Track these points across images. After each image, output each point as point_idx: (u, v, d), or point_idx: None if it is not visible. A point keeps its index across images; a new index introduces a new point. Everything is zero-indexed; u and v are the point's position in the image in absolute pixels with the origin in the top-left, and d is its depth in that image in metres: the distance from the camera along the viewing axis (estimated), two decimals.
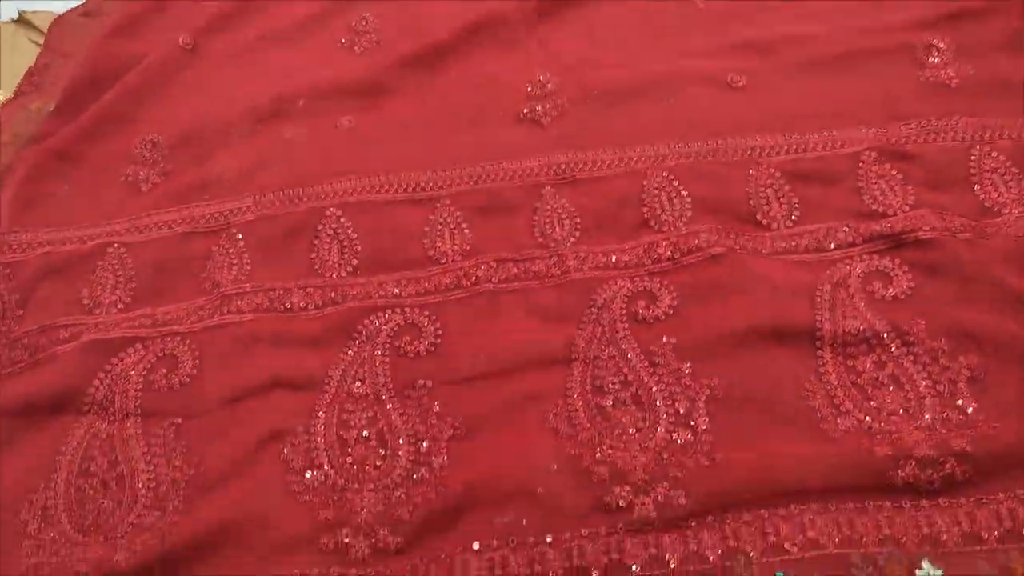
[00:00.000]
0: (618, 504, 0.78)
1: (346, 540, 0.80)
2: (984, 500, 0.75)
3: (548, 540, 0.77)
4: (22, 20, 1.42)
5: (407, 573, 0.76)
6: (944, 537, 0.74)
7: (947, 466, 0.76)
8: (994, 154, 1.00)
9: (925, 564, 0.72)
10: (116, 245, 1.04)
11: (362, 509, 0.81)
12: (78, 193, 1.13)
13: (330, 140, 1.15)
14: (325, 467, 0.85)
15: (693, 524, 0.77)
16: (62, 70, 1.31)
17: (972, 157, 1.00)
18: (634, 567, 0.75)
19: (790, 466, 0.78)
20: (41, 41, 1.37)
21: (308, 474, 0.84)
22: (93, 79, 1.24)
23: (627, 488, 0.79)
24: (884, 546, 0.74)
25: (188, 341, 0.95)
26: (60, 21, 1.40)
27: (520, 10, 1.26)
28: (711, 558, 0.75)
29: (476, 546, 0.77)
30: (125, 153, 1.18)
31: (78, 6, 1.44)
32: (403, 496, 0.82)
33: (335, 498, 0.83)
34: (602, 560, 0.76)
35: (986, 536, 0.74)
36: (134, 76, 1.25)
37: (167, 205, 1.10)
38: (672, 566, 0.75)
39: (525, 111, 1.14)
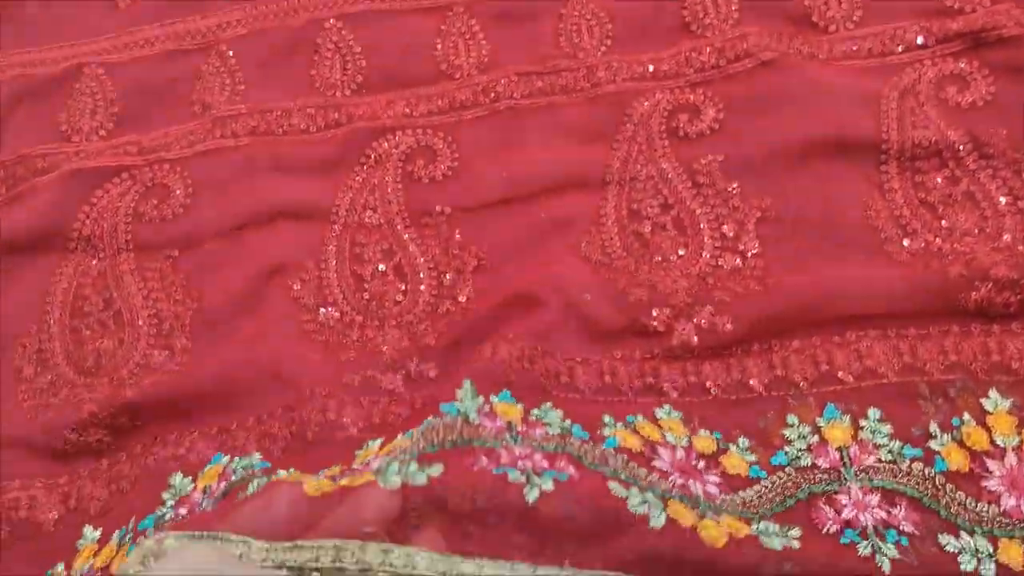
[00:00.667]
0: (655, 328, 0.71)
1: (373, 374, 0.74)
2: None
3: (578, 360, 0.71)
4: None
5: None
6: (1016, 365, 0.67)
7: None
8: None
9: (993, 393, 0.65)
10: (94, 65, 0.94)
11: (385, 347, 0.75)
12: (50, 11, 1.01)
13: None
14: (340, 303, 0.78)
15: (738, 352, 0.70)
16: None
17: None
18: (672, 392, 0.69)
19: (848, 290, 0.70)
20: None
21: (322, 311, 0.78)
22: None
23: (667, 311, 0.72)
24: (951, 374, 0.67)
25: (179, 168, 0.86)
26: None
27: None
28: (756, 387, 0.69)
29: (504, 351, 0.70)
30: None
31: None
32: (428, 329, 0.76)
33: (354, 336, 0.76)
34: (636, 384, 0.69)
35: None
36: None
37: (149, 21, 0.98)
38: (713, 394, 0.69)
39: None
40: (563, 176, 0.81)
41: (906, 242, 0.74)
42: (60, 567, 0.67)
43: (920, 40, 0.83)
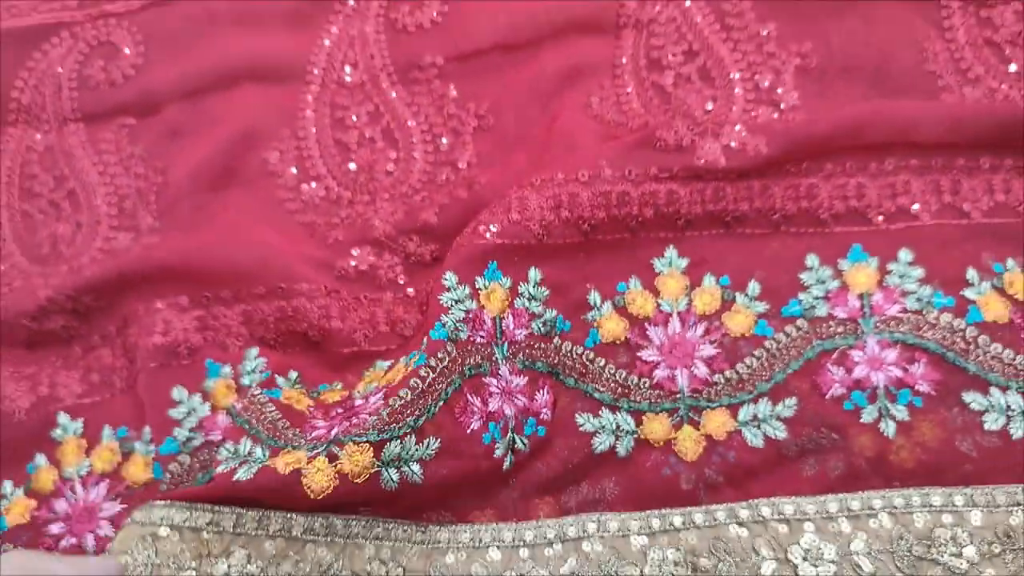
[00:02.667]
0: (680, 143, 0.64)
1: (370, 259, 0.68)
2: None
3: (583, 176, 0.64)
4: None
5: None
6: None
7: None
8: None
9: None
10: None
11: (379, 222, 0.69)
12: None
13: None
14: (325, 178, 0.71)
15: (766, 177, 0.64)
16: None
17: None
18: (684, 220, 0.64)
19: (896, 117, 0.64)
20: None
21: (304, 187, 0.70)
22: None
23: (692, 124, 0.65)
24: (994, 217, 0.63)
25: (127, 24, 0.77)
26: None
27: None
28: (777, 218, 0.63)
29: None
30: None
31: None
32: (426, 201, 0.69)
33: (343, 214, 0.70)
34: (647, 212, 0.63)
35: None
36: None
37: None
38: (728, 225, 0.64)
39: None
40: (570, 18, 0.73)
41: (967, 90, 0.67)
42: (42, 460, 0.64)
43: None
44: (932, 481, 0.56)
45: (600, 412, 0.59)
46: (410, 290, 0.67)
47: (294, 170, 0.72)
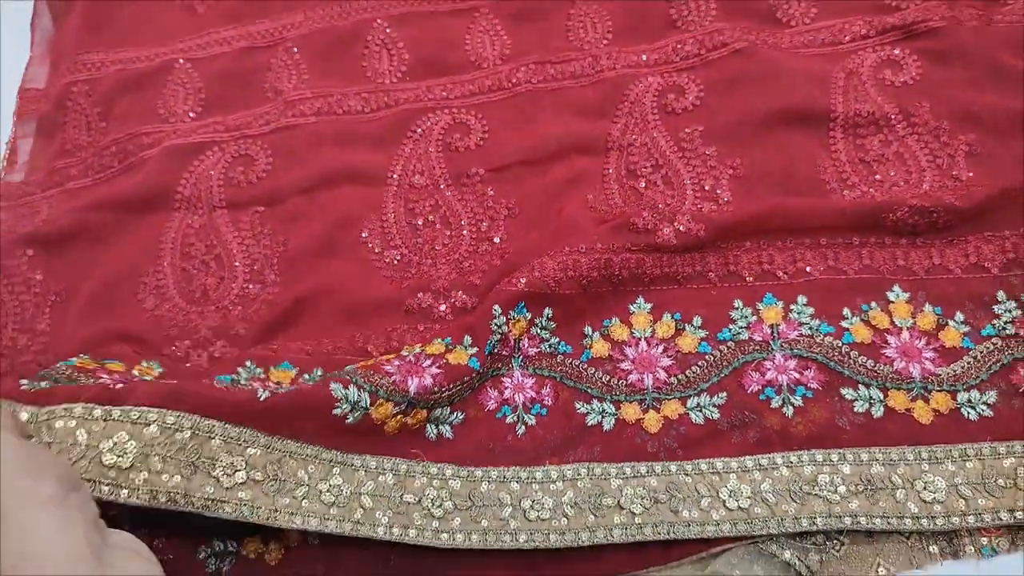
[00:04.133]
0: (647, 227, 0.91)
1: (428, 302, 0.95)
2: (955, 241, 0.92)
3: (583, 249, 0.91)
4: None
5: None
6: (916, 268, 0.90)
7: (934, 215, 0.90)
8: None
9: (896, 288, 0.89)
10: (182, 61, 1.16)
11: (438, 278, 0.97)
12: (138, 18, 1.23)
13: None
14: (401, 248, 0.99)
15: (706, 252, 0.92)
16: None
17: None
18: (647, 280, 0.91)
19: (795, 210, 0.93)
20: None
21: (386, 254, 0.99)
22: None
23: (654, 215, 0.93)
24: (864, 274, 0.91)
25: (260, 142, 1.08)
26: None
27: None
28: (714, 279, 0.91)
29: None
30: None
31: None
32: (472, 265, 0.97)
33: (413, 271, 0.98)
34: (624, 273, 0.90)
35: (952, 268, 0.90)
36: None
37: (223, 24, 1.21)
38: (679, 283, 0.91)
39: None
40: (572, 144, 1.03)
41: (846, 192, 0.96)
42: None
43: (864, 31, 1.06)
44: (819, 445, 0.82)
45: (591, 401, 0.85)
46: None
47: (379, 243, 1.00)
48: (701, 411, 0.84)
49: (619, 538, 0.78)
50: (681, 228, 0.91)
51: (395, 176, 1.04)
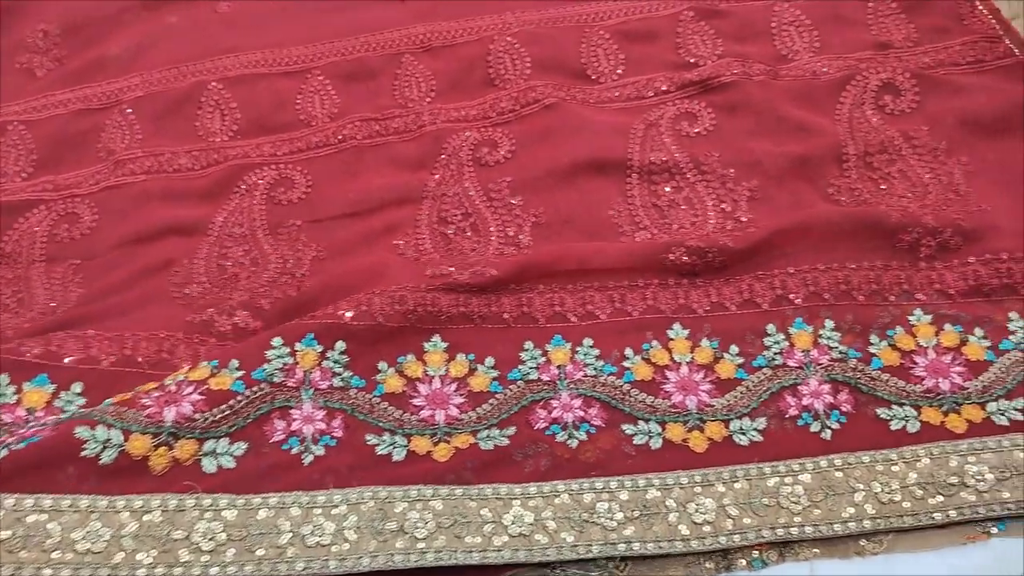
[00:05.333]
0: (441, 273, 0.98)
1: (210, 315, 0.99)
2: (731, 280, 0.99)
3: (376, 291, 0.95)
4: None
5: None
6: (696, 307, 0.97)
7: (709, 256, 0.98)
8: (793, 10, 1.24)
9: (676, 326, 0.96)
10: (16, 123, 1.21)
11: (229, 299, 1.01)
12: None
13: (209, 23, 1.34)
14: (204, 283, 1.03)
15: (500, 292, 0.97)
16: None
17: (774, 12, 1.25)
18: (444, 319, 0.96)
19: (586, 253, 1.00)
20: None
21: (187, 288, 1.03)
22: None
23: (452, 268, 0.99)
24: (648, 314, 0.97)
25: (88, 201, 1.12)
26: None
27: None
28: (508, 320, 0.96)
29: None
30: (19, 43, 1.34)
31: None
32: (266, 292, 1.02)
33: (209, 298, 1.02)
34: (419, 311, 0.94)
35: (729, 305, 0.97)
36: None
37: (62, 87, 1.26)
38: (475, 323, 0.96)
39: None
40: (392, 196, 1.10)
41: (637, 236, 1.04)
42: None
43: (665, 87, 1.15)
44: (602, 473, 0.86)
45: (383, 434, 0.88)
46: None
47: (182, 280, 1.03)
48: (491, 440, 0.89)
49: (400, 563, 0.81)
50: (474, 270, 0.97)
51: (216, 227, 1.09)
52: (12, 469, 0.80)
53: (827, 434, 0.88)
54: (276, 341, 0.90)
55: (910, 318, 0.95)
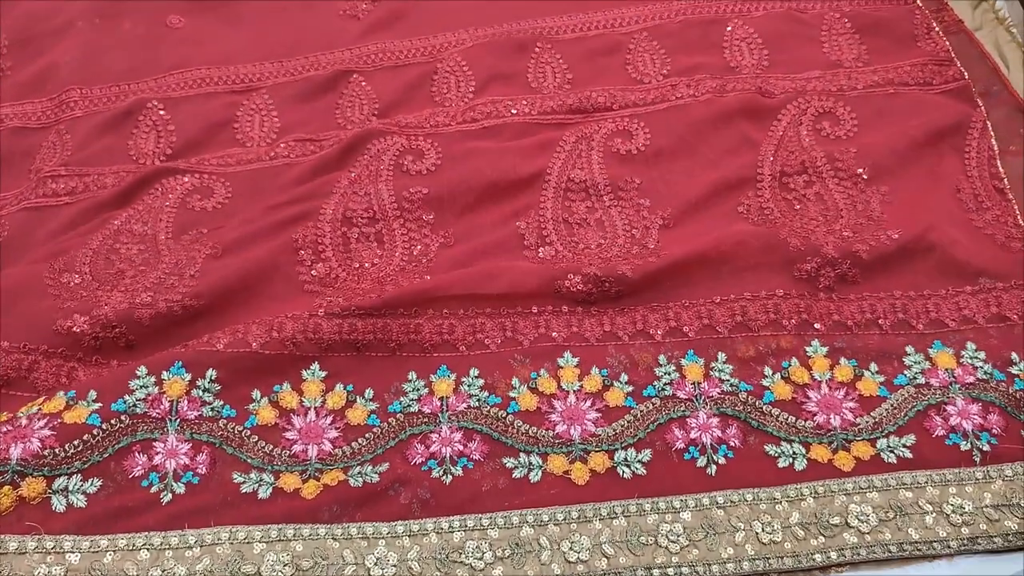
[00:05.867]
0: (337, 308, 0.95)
1: (82, 329, 0.95)
2: (625, 310, 0.96)
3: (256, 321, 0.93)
4: None
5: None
6: (587, 334, 0.94)
7: (606, 285, 0.95)
8: (746, 27, 1.24)
9: (567, 354, 0.93)
10: None
11: (105, 304, 0.97)
12: None
13: (159, 37, 1.34)
14: (86, 273, 1.02)
15: (387, 318, 0.95)
16: None
17: (727, 29, 1.25)
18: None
19: (485, 276, 0.98)
20: None
21: (63, 278, 1.01)
22: None
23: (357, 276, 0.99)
24: (541, 342, 0.94)
25: (3, 222, 1.10)
26: None
27: None
28: (393, 346, 0.94)
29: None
30: None
31: None
32: (151, 296, 0.98)
33: (84, 295, 0.99)
34: (299, 338, 0.92)
35: (621, 335, 0.94)
36: None
37: (3, 99, 1.27)
38: (358, 348, 0.93)
39: (345, 8, 1.34)
40: (302, 193, 1.08)
41: (541, 251, 1.01)
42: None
43: (605, 102, 1.16)
44: (473, 510, 0.83)
45: (250, 472, 0.85)
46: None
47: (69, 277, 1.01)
48: (361, 477, 0.85)
49: None
50: (361, 294, 0.96)
51: (116, 224, 1.07)
52: None
53: (712, 469, 0.84)
54: (141, 370, 0.88)
55: (807, 349, 0.92)
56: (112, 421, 0.85)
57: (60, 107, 1.24)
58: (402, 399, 0.91)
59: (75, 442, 0.83)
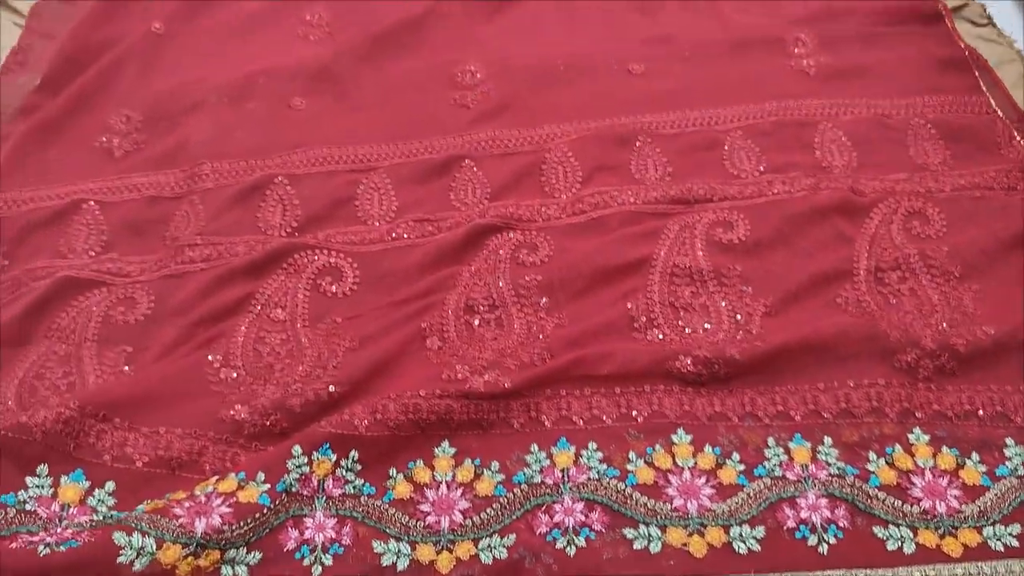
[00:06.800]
0: (457, 377, 1.05)
1: (243, 415, 1.04)
2: (734, 391, 1.05)
3: (392, 395, 1.03)
4: (3, 3, 1.70)
5: None
6: (699, 413, 1.03)
7: (715, 367, 1.04)
8: (835, 130, 1.35)
9: (680, 431, 1.01)
10: (91, 203, 1.32)
11: (262, 396, 1.06)
12: (59, 157, 1.41)
13: (283, 118, 1.46)
14: (239, 368, 1.11)
15: (509, 398, 1.04)
16: (44, 50, 1.59)
17: (818, 131, 1.35)
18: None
19: (598, 357, 1.07)
20: (22, 22, 1.66)
21: (223, 372, 1.10)
22: (75, 58, 1.55)
23: (466, 368, 1.07)
24: (654, 419, 1.03)
25: (146, 287, 1.20)
26: (39, 6, 1.68)
27: (460, 6, 1.63)
28: (515, 425, 1.03)
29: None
30: (102, 124, 1.46)
31: None
32: (298, 389, 1.07)
33: (243, 389, 1.08)
34: (432, 418, 1.02)
35: (731, 416, 1.03)
36: (112, 56, 1.55)
37: (138, 170, 1.38)
38: (483, 427, 1.03)
39: (456, 97, 1.47)
40: (428, 285, 1.18)
41: (649, 333, 1.11)
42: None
43: (708, 195, 1.26)
44: None
45: (388, 541, 0.94)
46: None
47: (220, 360, 1.11)
48: (491, 552, 0.94)
49: None
50: (487, 378, 1.05)
51: (257, 307, 1.17)
52: (49, 572, 0.85)
53: (824, 548, 0.92)
54: (296, 450, 0.98)
55: (909, 436, 1.00)
56: (276, 501, 0.94)
57: (192, 179, 1.35)
58: (525, 470, 1.00)
59: (248, 520, 0.92)
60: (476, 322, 1.14)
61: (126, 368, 1.12)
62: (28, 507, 0.96)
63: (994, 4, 1.58)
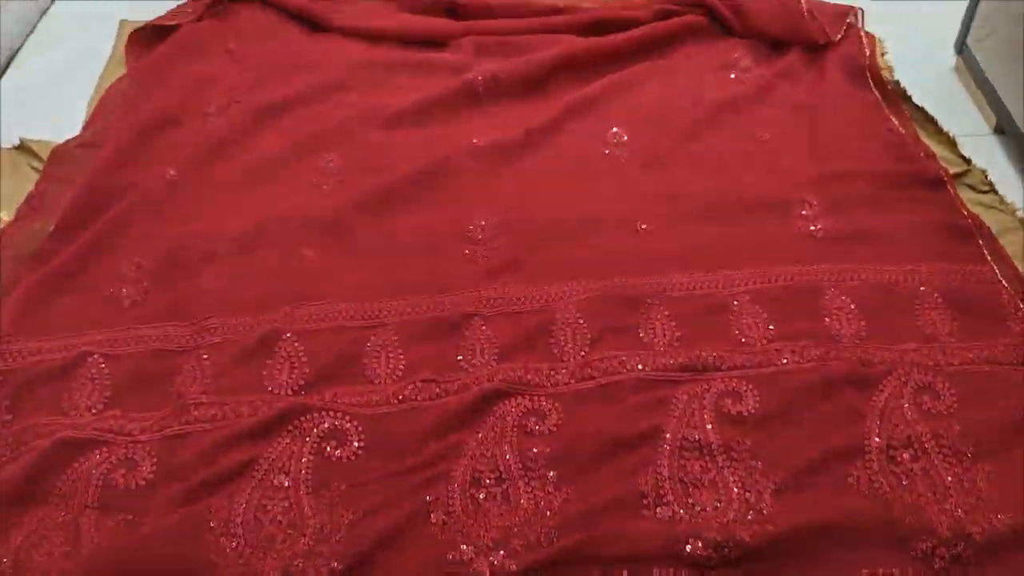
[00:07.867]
0: (462, 559, 1.07)
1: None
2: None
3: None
4: (23, 147, 1.78)
5: None
6: None
7: (725, 550, 1.05)
8: (842, 296, 1.38)
9: None
10: (96, 356, 1.34)
11: (262, 571, 1.08)
12: (69, 306, 1.43)
13: (294, 267, 1.49)
14: (239, 539, 1.11)
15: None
16: (60, 196, 1.64)
17: (825, 297, 1.38)
18: None
19: (607, 539, 1.08)
20: (40, 167, 1.72)
21: (222, 541, 1.10)
22: (89, 205, 1.59)
23: (471, 549, 1.08)
24: None
25: (148, 448, 1.21)
26: (58, 151, 1.74)
27: (469, 159, 1.69)
28: None
29: None
30: (114, 272, 1.49)
31: (74, 137, 1.79)
32: (300, 566, 1.08)
33: (241, 562, 1.08)
34: None
35: None
36: (126, 203, 1.60)
37: (146, 321, 1.40)
38: None
39: (466, 251, 1.51)
40: (433, 454, 1.19)
41: (658, 510, 1.12)
42: None
43: (716, 363, 1.29)
44: None
45: None
46: None
47: (221, 529, 1.12)
48: None
49: None
50: (495, 562, 1.06)
51: (260, 472, 1.18)
52: None
53: None
54: None
55: None
56: None
57: (200, 333, 1.37)
58: None
59: None
60: (482, 496, 1.15)
61: (126, 538, 1.12)
62: None
63: (995, 169, 1.64)
